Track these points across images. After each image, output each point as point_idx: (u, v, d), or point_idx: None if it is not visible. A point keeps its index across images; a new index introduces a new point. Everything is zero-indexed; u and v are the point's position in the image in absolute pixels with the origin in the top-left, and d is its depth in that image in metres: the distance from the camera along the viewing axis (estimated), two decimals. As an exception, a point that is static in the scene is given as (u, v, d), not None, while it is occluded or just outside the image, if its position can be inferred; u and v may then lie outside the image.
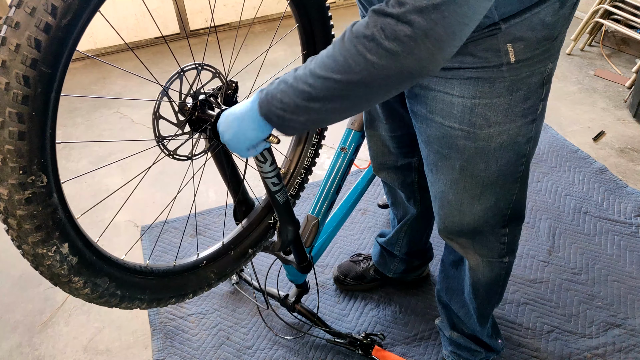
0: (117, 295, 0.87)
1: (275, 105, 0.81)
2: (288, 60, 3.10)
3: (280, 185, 1.05)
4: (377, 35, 0.69)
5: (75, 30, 0.67)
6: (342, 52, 0.73)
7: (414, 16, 0.66)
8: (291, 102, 0.79)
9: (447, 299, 1.43)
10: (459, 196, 1.10)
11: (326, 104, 0.78)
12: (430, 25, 0.66)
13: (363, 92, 0.76)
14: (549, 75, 0.97)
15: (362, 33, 0.71)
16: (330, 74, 0.75)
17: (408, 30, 0.67)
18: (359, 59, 0.72)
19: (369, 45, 0.70)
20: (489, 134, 0.99)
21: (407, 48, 0.68)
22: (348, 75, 0.74)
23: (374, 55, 0.70)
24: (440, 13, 0.66)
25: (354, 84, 0.75)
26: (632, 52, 3.09)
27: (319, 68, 0.76)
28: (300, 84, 0.78)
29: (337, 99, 0.78)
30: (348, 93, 0.76)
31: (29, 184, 0.69)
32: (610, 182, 2.16)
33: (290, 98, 0.79)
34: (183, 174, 1.15)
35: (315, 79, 0.76)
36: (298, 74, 0.79)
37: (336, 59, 0.74)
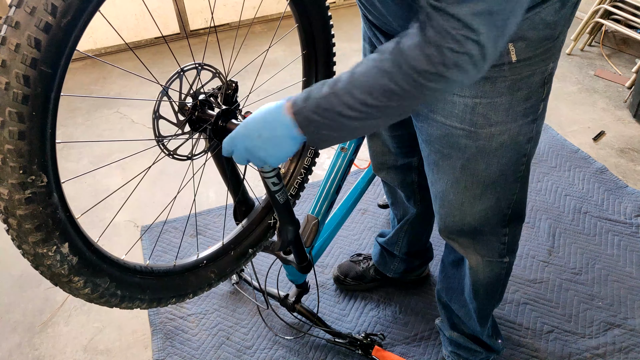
0: (117, 295, 0.87)
1: (315, 125, 0.79)
2: (288, 60, 3.10)
3: (280, 185, 1.05)
4: (441, 70, 0.69)
5: (75, 30, 0.67)
6: (398, 82, 0.72)
7: (473, 45, 0.68)
8: (335, 125, 0.78)
9: (447, 298, 1.43)
10: (459, 196, 1.10)
11: (369, 123, 0.78)
12: (491, 51, 0.69)
13: (409, 107, 0.78)
14: (550, 74, 0.97)
15: (423, 69, 0.70)
16: (383, 102, 0.74)
17: (469, 59, 0.69)
18: (419, 90, 0.72)
19: (431, 77, 0.70)
20: (490, 133, 0.99)
21: (467, 72, 0.70)
22: (402, 102, 0.74)
23: (433, 83, 0.71)
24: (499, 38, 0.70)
25: (406, 106, 0.76)
26: (632, 52, 3.09)
27: (369, 96, 0.74)
28: (345, 109, 0.76)
29: (382, 119, 0.78)
30: (395, 112, 0.77)
31: (29, 183, 0.69)
32: (610, 182, 2.16)
33: (335, 121, 0.77)
34: (183, 174, 1.15)
35: (363, 105, 0.75)
36: (341, 99, 0.76)
37: (391, 89, 0.73)
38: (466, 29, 0.66)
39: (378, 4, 0.93)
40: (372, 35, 1.09)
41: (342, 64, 1.19)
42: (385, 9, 0.93)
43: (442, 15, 0.67)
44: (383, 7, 0.93)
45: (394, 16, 0.93)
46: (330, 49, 1.24)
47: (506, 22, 0.68)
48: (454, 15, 0.66)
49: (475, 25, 0.66)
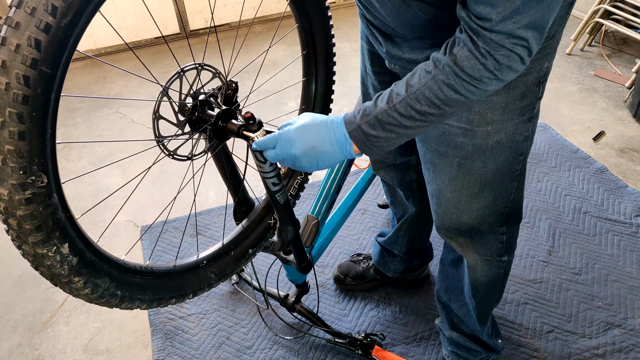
0: (117, 296, 0.86)
1: (372, 139, 0.84)
2: (288, 60, 3.10)
3: (280, 185, 1.05)
4: (497, 74, 0.75)
5: (76, 30, 0.67)
6: (459, 90, 0.78)
7: (522, 49, 0.74)
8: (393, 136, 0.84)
9: (446, 298, 1.43)
10: (456, 194, 1.11)
11: (426, 128, 0.84)
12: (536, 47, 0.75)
13: (466, 108, 0.87)
14: (545, 73, 0.98)
15: (481, 75, 0.76)
16: (444, 109, 0.80)
17: (520, 60, 0.75)
18: (478, 94, 0.78)
19: (489, 81, 0.77)
20: (487, 131, 1.00)
21: (518, 70, 0.77)
22: (461, 106, 0.81)
23: (491, 86, 0.78)
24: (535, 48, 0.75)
25: (463, 108, 0.83)
26: (632, 52, 3.09)
27: (430, 107, 0.80)
28: (406, 121, 0.82)
29: (439, 122, 0.84)
30: (453, 115, 0.83)
31: (29, 184, 0.69)
32: (610, 182, 2.16)
33: (393, 132, 0.83)
34: (183, 174, 1.15)
35: (423, 115, 0.81)
36: (400, 113, 0.81)
37: (452, 97, 0.79)
38: (515, 39, 0.72)
39: (376, 4, 0.93)
40: (370, 34, 1.09)
41: (342, 64, 1.19)
42: (383, 10, 0.93)
43: (489, 33, 0.72)
44: (382, 8, 0.93)
45: (392, 17, 0.93)
46: (330, 49, 1.24)
47: (547, 21, 0.73)
48: (501, 32, 0.71)
49: (523, 34, 0.72)
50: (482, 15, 0.71)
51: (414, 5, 0.86)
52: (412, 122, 0.81)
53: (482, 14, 0.71)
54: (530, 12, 0.70)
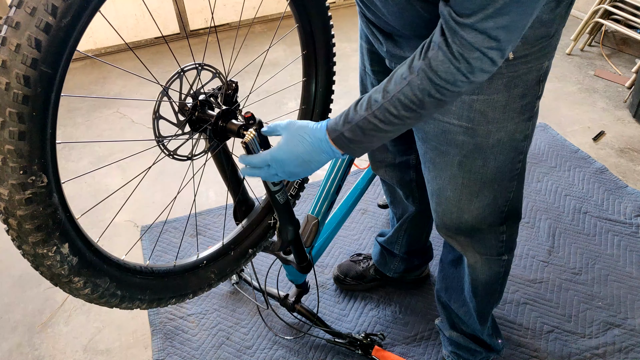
0: (117, 296, 0.87)
1: (355, 143, 0.89)
2: (288, 60, 3.10)
3: (280, 185, 1.05)
4: (470, 77, 0.77)
5: (76, 30, 0.67)
6: (433, 94, 0.80)
7: (495, 52, 0.74)
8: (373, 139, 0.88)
9: (446, 298, 1.43)
10: (457, 192, 1.11)
11: (404, 129, 0.87)
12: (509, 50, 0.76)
13: (440, 109, 0.88)
14: (545, 73, 0.98)
15: (454, 79, 0.77)
16: (420, 112, 0.83)
17: (492, 63, 0.76)
18: (452, 96, 0.80)
19: (462, 84, 0.78)
20: (487, 130, 1.00)
21: (489, 72, 0.78)
22: (436, 108, 0.83)
23: (464, 87, 0.79)
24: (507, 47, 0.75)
25: (438, 109, 0.85)
26: (632, 52, 3.09)
27: (406, 111, 0.82)
28: (384, 125, 0.85)
29: (416, 123, 0.87)
30: (429, 116, 0.86)
31: (29, 184, 0.69)
32: (610, 182, 2.16)
33: (374, 136, 0.87)
34: (183, 174, 1.15)
35: (400, 119, 0.84)
36: (379, 118, 0.84)
37: (427, 101, 0.81)
38: (491, 41, 0.73)
39: (378, 3, 0.93)
40: (370, 33, 1.09)
41: (342, 64, 1.19)
42: (385, 9, 0.93)
43: (468, 31, 0.72)
44: (384, 7, 0.93)
45: (394, 15, 0.93)
46: (330, 49, 1.24)
47: (524, 26, 0.74)
48: (479, 30, 0.72)
49: (500, 36, 0.72)
50: (464, 12, 0.71)
51: (417, 4, 0.86)
52: (391, 126, 0.85)
53: (465, 11, 0.71)
54: (511, 13, 0.70)
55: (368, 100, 0.85)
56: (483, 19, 0.71)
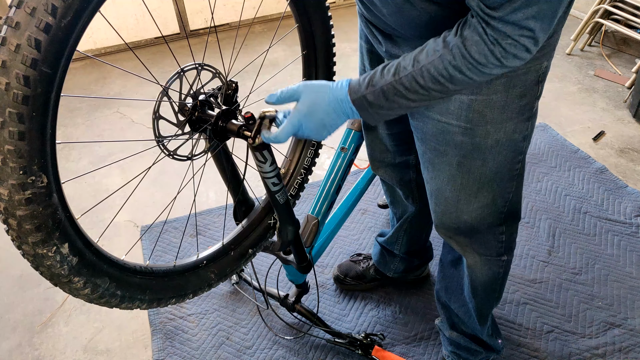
0: (117, 296, 0.87)
1: (375, 108, 0.88)
2: (288, 60, 3.10)
3: (280, 185, 1.05)
4: (502, 61, 0.78)
5: (76, 31, 0.67)
6: (464, 71, 0.80)
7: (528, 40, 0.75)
8: (394, 106, 0.88)
9: (446, 298, 1.43)
10: (456, 193, 1.11)
11: (427, 103, 0.89)
12: (543, 38, 0.77)
13: (468, 87, 0.88)
14: (544, 73, 0.98)
15: (487, 61, 0.78)
16: (447, 86, 0.83)
17: (526, 50, 0.77)
18: (482, 76, 0.81)
19: (493, 67, 0.79)
20: (486, 130, 1.00)
21: (523, 59, 0.79)
22: (463, 85, 0.83)
23: (495, 70, 0.80)
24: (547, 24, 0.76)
25: (465, 87, 0.85)
26: (632, 52, 3.09)
27: (434, 83, 0.83)
28: (409, 94, 0.85)
29: (441, 98, 0.88)
30: (455, 92, 0.86)
31: (29, 184, 0.69)
32: (610, 182, 2.16)
33: (395, 103, 0.87)
34: (183, 174, 1.15)
35: (427, 90, 0.84)
36: (405, 86, 0.84)
37: (457, 77, 0.81)
38: (522, 30, 0.74)
39: (378, 3, 0.93)
40: (369, 33, 1.09)
41: (342, 63, 1.19)
42: (385, 9, 0.93)
43: (498, 22, 0.74)
44: (383, 7, 0.93)
45: (393, 16, 0.93)
46: (330, 49, 1.24)
47: (555, 12, 0.75)
48: (509, 22, 0.73)
49: (530, 25, 0.73)
50: (492, 6, 0.73)
51: (417, 4, 0.86)
52: (415, 95, 0.85)
53: (493, 3, 0.73)
54: (539, 3, 0.72)
55: (396, 67, 0.85)
56: (511, 12, 0.72)
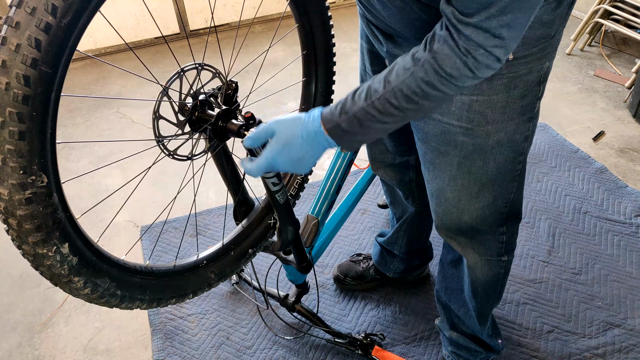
0: (117, 296, 0.86)
1: (351, 135, 0.86)
2: (288, 60, 3.10)
3: (280, 185, 1.05)
4: (475, 72, 0.76)
5: (76, 30, 0.67)
6: (437, 86, 0.78)
7: (500, 50, 0.75)
8: (370, 131, 0.85)
9: (446, 298, 1.43)
10: (456, 193, 1.11)
11: (404, 122, 0.85)
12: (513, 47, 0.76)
13: (443, 103, 0.86)
14: (546, 73, 0.98)
15: (460, 73, 0.76)
16: (422, 104, 0.81)
17: (497, 59, 0.76)
18: (455, 89, 0.79)
19: (466, 79, 0.77)
20: (487, 131, 1.00)
21: (495, 68, 0.78)
22: (439, 101, 0.81)
23: (468, 81, 0.78)
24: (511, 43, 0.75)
25: (441, 103, 0.83)
26: (632, 52, 3.09)
27: (408, 103, 0.80)
28: (384, 117, 0.82)
29: (417, 116, 0.85)
30: (430, 109, 0.84)
31: (29, 184, 0.69)
32: (610, 182, 2.16)
33: (371, 128, 0.84)
34: (183, 174, 1.15)
35: (401, 111, 0.81)
36: (378, 109, 0.82)
37: (430, 93, 0.79)
38: (495, 39, 0.73)
39: (377, 5, 0.93)
40: (369, 33, 1.09)
41: (342, 63, 1.19)
42: (384, 11, 0.93)
43: (471, 30, 0.72)
44: (383, 9, 0.93)
45: (393, 18, 0.93)
46: (330, 49, 1.24)
47: (526, 22, 0.74)
48: (482, 28, 0.71)
49: (503, 34, 0.72)
50: (468, 11, 0.71)
51: (416, 7, 0.86)
52: (390, 118, 0.82)
53: (468, 10, 0.71)
54: (514, 11, 0.70)
55: (367, 90, 0.82)
56: (487, 18, 0.70)
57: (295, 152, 0.87)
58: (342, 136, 0.85)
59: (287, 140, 0.87)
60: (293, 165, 0.88)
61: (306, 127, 0.86)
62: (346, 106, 0.84)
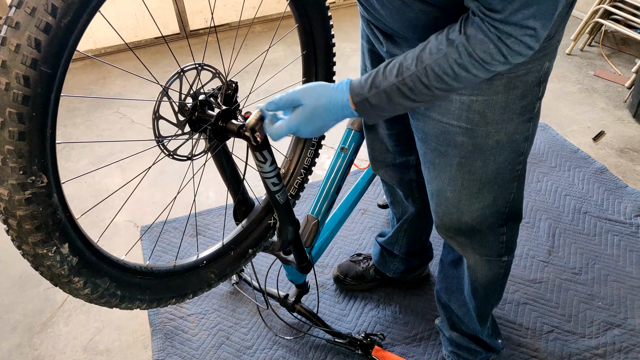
0: (117, 296, 0.86)
1: (377, 109, 0.87)
2: (288, 60, 3.10)
3: (280, 185, 1.05)
4: (507, 58, 0.78)
5: (76, 31, 0.67)
6: (470, 69, 0.80)
7: (530, 38, 0.76)
8: (396, 107, 0.87)
9: (446, 298, 1.43)
10: (457, 194, 1.11)
11: (431, 101, 0.88)
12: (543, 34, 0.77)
13: (472, 84, 0.88)
14: (546, 74, 0.98)
15: (492, 59, 0.78)
16: (452, 85, 0.82)
17: (527, 47, 0.77)
18: (487, 72, 0.81)
19: (498, 64, 0.79)
20: (487, 131, 1.00)
21: (526, 55, 0.79)
22: (468, 82, 0.83)
23: (500, 67, 0.80)
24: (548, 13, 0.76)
25: (470, 84, 0.85)
26: (632, 52, 3.09)
27: (439, 82, 0.82)
28: (413, 94, 0.84)
29: (444, 96, 0.89)
30: (458, 89, 0.86)
31: (29, 184, 0.69)
32: (610, 182, 2.16)
33: (398, 104, 0.86)
34: (183, 174, 1.15)
35: (430, 90, 0.83)
36: (408, 86, 0.83)
37: (462, 75, 0.81)
38: (524, 29, 0.74)
39: (377, 5, 0.93)
40: (370, 33, 1.09)
41: (342, 63, 1.19)
42: (384, 11, 0.93)
43: (501, 24, 0.74)
44: (382, 9, 0.93)
45: (392, 18, 0.93)
46: (330, 49, 1.24)
47: (554, 9, 0.75)
48: (510, 22, 0.74)
49: (531, 24, 0.74)
50: (492, 8, 0.73)
51: (415, 7, 0.86)
52: (418, 96, 0.84)
53: (492, 6, 0.73)
54: (538, 3, 0.72)
55: (399, 67, 0.84)
56: (511, 13, 0.73)
57: (320, 121, 0.90)
58: (368, 110, 0.87)
59: (314, 112, 0.89)
60: (315, 132, 0.92)
61: (334, 99, 0.88)
62: (377, 81, 0.85)
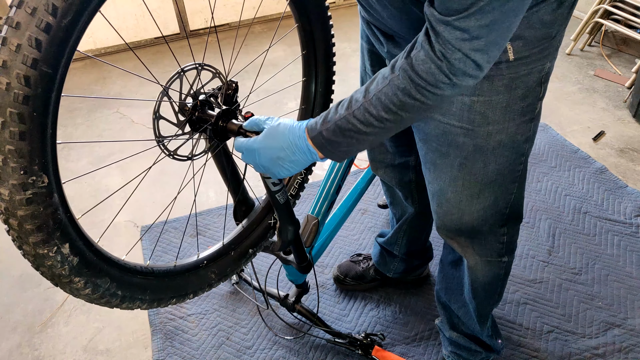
0: (117, 296, 0.87)
1: (334, 145, 0.86)
2: (288, 60, 3.10)
3: (280, 185, 1.05)
4: (452, 79, 0.74)
5: (76, 30, 0.67)
6: (414, 95, 0.77)
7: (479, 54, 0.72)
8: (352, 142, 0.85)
9: (446, 299, 1.43)
10: (457, 194, 1.11)
11: (385, 134, 0.84)
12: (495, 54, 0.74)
13: (424, 114, 0.83)
14: (547, 74, 0.97)
15: (435, 80, 0.74)
16: (400, 115, 0.79)
17: (476, 66, 0.73)
18: (433, 99, 0.77)
19: (444, 86, 0.75)
20: (488, 132, 1.00)
21: (475, 77, 0.75)
22: (418, 112, 0.80)
23: (446, 91, 0.76)
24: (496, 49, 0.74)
25: (421, 114, 0.81)
26: (632, 52, 3.09)
27: (386, 112, 0.79)
28: (364, 127, 0.82)
29: (397, 128, 0.83)
30: (411, 121, 0.82)
31: (30, 184, 0.69)
32: (610, 182, 2.16)
33: (353, 138, 0.84)
34: (183, 174, 1.15)
35: (380, 121, 0.81)
36: (358, 119, 0.81)
37: (407, 102, 0.78)
38: (473, 41, 0.70)
39: (377, 7, 0.93)
40: (370, 33, 1.09)
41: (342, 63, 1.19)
42: (384, 12, 0.93)
43: (449, 29, 0.70)
44: (382, 10, 0.93)
45: (393, 19, 0.93)
46: (330, 49, 1.24)
47: (509, 27, 0.72)
48: (460, 28, 0.69)
49: (481, 35, 0.70)
50: (447, 12, 0.70)
51: (415, 8, 0.86)
52: (370, 128, 0.82)
53: (448, 11, 0.70)
54: (494, 12, 0.69)
55: (349, 100, 0.83)
56: (465, 17, 0.69)
57: (276, 149, 0.88)
58: (324, 145, 0.86)
59: (272, 136, 0.89)
60: (271, 162, 0.90)
61: (292, 131, 0.88)
62: (329, 116, 0.85)
